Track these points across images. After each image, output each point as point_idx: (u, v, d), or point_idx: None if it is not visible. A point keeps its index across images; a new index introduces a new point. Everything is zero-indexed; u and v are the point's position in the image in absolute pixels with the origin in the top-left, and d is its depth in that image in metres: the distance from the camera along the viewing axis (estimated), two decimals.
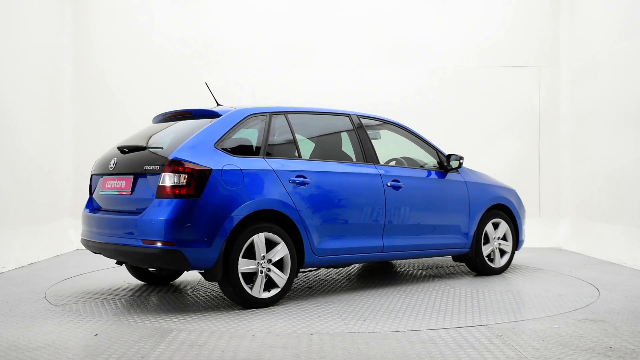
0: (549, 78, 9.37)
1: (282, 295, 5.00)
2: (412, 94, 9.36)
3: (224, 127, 4.95)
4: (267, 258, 4.88)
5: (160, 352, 3.73)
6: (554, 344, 3.87)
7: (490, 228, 6.48)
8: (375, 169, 5.67)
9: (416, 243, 5.90)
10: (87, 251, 8.25)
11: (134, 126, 6.99)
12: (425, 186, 6.01)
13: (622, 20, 7.86)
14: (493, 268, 6.51)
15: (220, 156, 4.78)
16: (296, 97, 9.07)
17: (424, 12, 9.40)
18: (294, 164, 5.14)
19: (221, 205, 4.64)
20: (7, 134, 7.39)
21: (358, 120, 5.82)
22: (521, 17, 9.41)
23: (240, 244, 4.72)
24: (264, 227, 4.85)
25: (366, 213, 5.50)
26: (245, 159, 4.90)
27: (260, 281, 4.85)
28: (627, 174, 7.64)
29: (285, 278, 4.98)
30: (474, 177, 6.48)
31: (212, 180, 4.64)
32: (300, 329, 4.29)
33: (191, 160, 4.63)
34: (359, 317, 4.64)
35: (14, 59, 7.64)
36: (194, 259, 4.58)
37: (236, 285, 4.73)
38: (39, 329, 4.31)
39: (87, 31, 9.26)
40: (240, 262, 4.74)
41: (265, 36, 9.32)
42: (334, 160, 5.55)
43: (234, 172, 4.76)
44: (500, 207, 6.61)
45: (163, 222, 4.52)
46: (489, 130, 9.39)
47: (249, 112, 5.16)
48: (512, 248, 6.68)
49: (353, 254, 5.46)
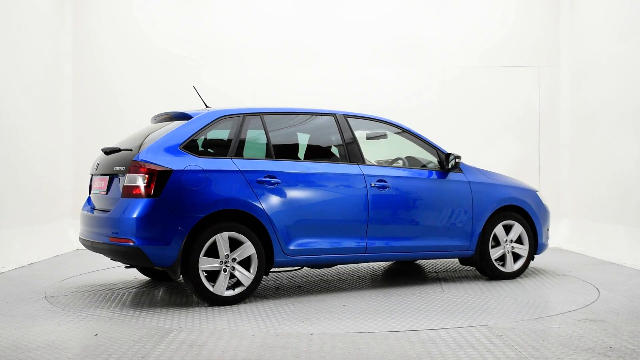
0: (549, 78, 9.37)
1: (248, 294, 5.07)
2: (412, 94, 9.36)
3: (191, 129, 5.10)
4: (232, 257, 4.98)
5: (160, 352, 3.73)
6: (554, 344, 3.87)
7: (500, 230, 6.16)
8: (359, 169, 5.57)
9: (407, 245, 5.73)
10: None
11: (133, 126, 7.00)
12: (417, 186, 5.82)
13: (622, 21, 7.87)
14: (503, 272, 6.17)
15: (183, 157, 4.93)
16: (296, 98, 9.06)
17: (424, 12, 9.41)
18: (263, 164, 5.20)
19: (180, 205, 4.80)
20: (7, 135, 7.39)
21: (344, 119, 5.74)
22: (521, 18, 9.42)
23: (201, 243, 4.85)
24: (228, 227, 4.95)
25: (345, 213, 5.43)
26: (210, 159, 5.03)
27: (224, 279, 4.95)
28: (627, 174, 7.64)
29: (252, 277, 5.05)
30: (482, 177, 6.20)
31: (172, 181, 4.81)
32: (300, 329, 4.29)
33: (153, 161, 4.83)
34: (360, 317, 4.64)
35: (14, 60, 7.64)
36: (153, 257, 4.76)
37: (197, 282, 4.86)
38: (39, 329, 4.31)
39: (87, 32, 9.26)
40: (202, 260, 4.86)
41: (265, 37, 9.32)
42: (316, 160, 5.56)
43: (196, 173, 4.90)
44: (514, 209, 6.28)
45: (123, 221, 4.79)
46: (489, 130, 9.39)
47: (219, 114, 5.27)
48: (528, 252, 6.28)
49: (331, 254, 5.42)
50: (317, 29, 9.35)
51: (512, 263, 6.23)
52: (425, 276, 6.51)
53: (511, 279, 6.18)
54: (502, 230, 6.19)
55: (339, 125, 5.69)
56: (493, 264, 6.13)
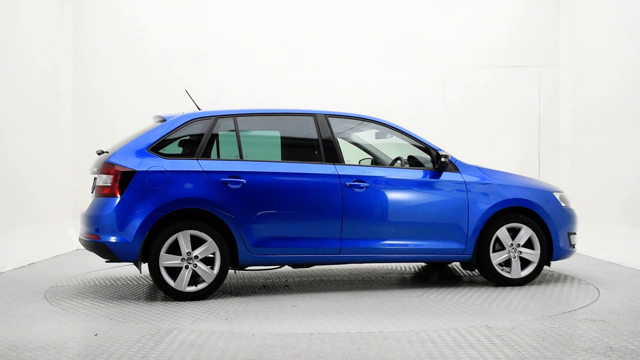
0: (549, 78, 9.37)
1: (210, 290, 5.25)
2: (412, 94, 9.36)
3: (161, 131, 5.41)
4: (194, 254, 5.18)
5: (160, 352, 3.73)
6: (554, 344, 3.87)
7: (504, 233, 5.77)
8: (334, 169, 5.52)
9: (390, 247, 5.57)
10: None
11: (133, 126, 7.00)
12: (402, 186, 5.63)
13: (622, 21, 7.87)
14: (508, 278, 5.78)
15: (149, 158, 5.24)
16: (296, 98, 9.06)
17: (424, 12, 9.40)
18: (229, 165, 5.36)
19: (142, 204, 5.12)
20: (7, 134, 7.39)
21: (324, 119, 5.70)
22: (521, 17, 9.42)
23: (162, 240, 5.13)
24: (190, 225, 5.18)
25: (315, 213, 5.43)
26: (175, 160, 5.29)
27: (185, 276, 5.17)
28: (627, 173, 7.64)
29: (214, 274, 5.22)
30: (483, 176, 5.84)
31: (135, 181, 5.15)
32: (300, 329, 4.29)
33: (119, 163, 5.21)
34: (360, 317, 4.64)
35: (14, 59, 7.64)
36: (118, 252, 5.15)
37: (158, 278, 5.15)
38: (39, 329, 4.31)
39: (87, 31, 9.26)
40: (163, 257, 5.14)
41: (264, 37, 9.31)
42: (293, 160, 5.60)
43: (159, 174, 5.19)
44: (524, 211, 5.86)
45: (93, 218, 5.25)
46: (489, 130, 9.39)
47: (190, 117, 5.51)
48: (540, 258, 5.82)
49: (302, 254, 5.44)
50: (316, 29, 9.35)
51: (519, 269, 5.81)
52: (425, 276, 6.51)
53: (519, 286, 5.80)
54: (507, 234, 5.79)
55: (317, 125, 5.67)
56: (494, 269, 5.76)
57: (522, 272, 5.83)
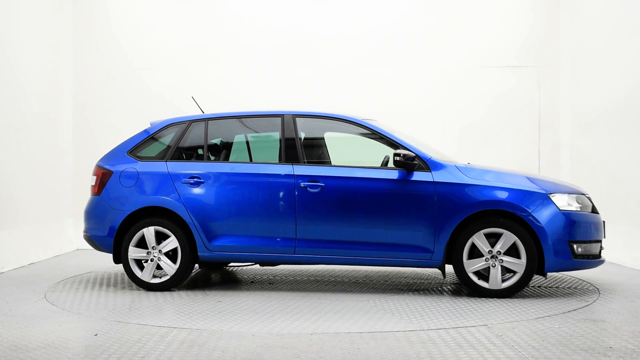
0: (549, 78, 9.36)
1: (172, 283, 5.65)
2: (411, 94, 9.35)
3: (141, 136, 6.01)
4: (158, 249, 5.64)
5: (160, 352, 3.74)
6: (554, 344, 3.87)
7: (481, 239, 5.23)
8: (291, 169, 5.54)
9: (347, 250, 5.40)
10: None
11: (133, 127, 7.01)
12: (362, 187, 5.39)
13: (622, 21, 7.87)
14: (484, 289, 5.25)
15: (126, 161, 5.87)
16: (296, 98, 9.06)
17: (424, 12, 9.40)
18: (191, 166, 5.76)
19: (115, 202, 5.77)
20: (7, 134, 7.39)
21: (291, 120, 5.73)
22: (521, 17, 9.41)
23: (131, 235, 5.68)
24: (155, 222, 5.67)
25: (269, 213, 5.52)
26: (146, 163, 5.83)
27: (150, 268, 5.67)
28: (627, 173, 7.64)
29: (175, 268, 5.63)
30: (460, 176, 5.32)
31: (112, 181, 5.81)
32: (300, 329, 4.29)
33: (102, 165, 5.94)
34: (360, 317, 4.64)
35: (14, 59, 7.64)
36: (100, 245, 5.85)
37: (127, 269, 5.70)
38: (39, 329, 4.31)
39: (88, 31, 9.25)
40: (131, 250, 5.68)
41: (264, 38, 9.31)
42: (260, 161, 5.87)
43: (131, 174, 5.78)
44: (508, 215, 5.26)
45: (84, 214, 5.99)
46: (489, 130, 9.38)
47: (168, 122, 6.01)
48: (525, 267, 5.18)
49: (257, 252, 5.57)
50: (316, 29, 9.35)
51: (499, 279, 5.23)
52: (424, 276, 6.51)
53: (499, 298, 5.22)
54: (484, 240, 5.23)
55: (283, 126, 5.75)
56: (470, 279, 5.28)
57: (503, 284, 5.25)
